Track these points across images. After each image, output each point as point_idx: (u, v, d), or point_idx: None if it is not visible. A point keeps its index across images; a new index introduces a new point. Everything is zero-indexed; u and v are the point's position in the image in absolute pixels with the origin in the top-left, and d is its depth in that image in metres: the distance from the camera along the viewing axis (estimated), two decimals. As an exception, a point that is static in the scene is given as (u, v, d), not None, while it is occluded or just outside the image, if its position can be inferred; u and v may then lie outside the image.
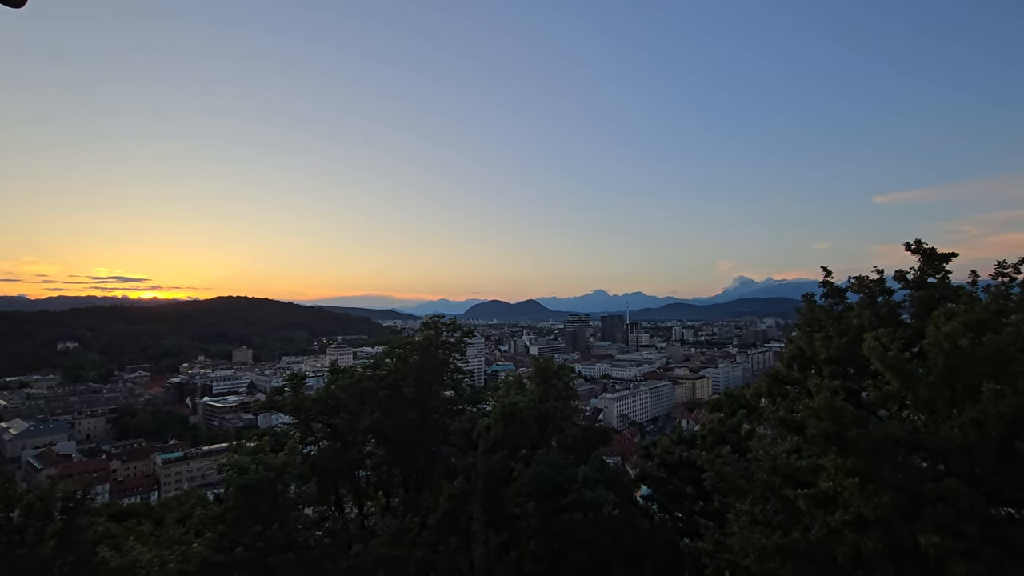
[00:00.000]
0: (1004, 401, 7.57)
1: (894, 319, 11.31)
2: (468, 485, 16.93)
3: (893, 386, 9.14)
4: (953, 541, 7.34)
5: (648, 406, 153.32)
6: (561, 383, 18.71)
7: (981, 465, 8.12)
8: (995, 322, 8.42)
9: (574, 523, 13.71)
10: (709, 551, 11.41)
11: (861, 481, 8.18)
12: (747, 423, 17.87)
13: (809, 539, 9.20)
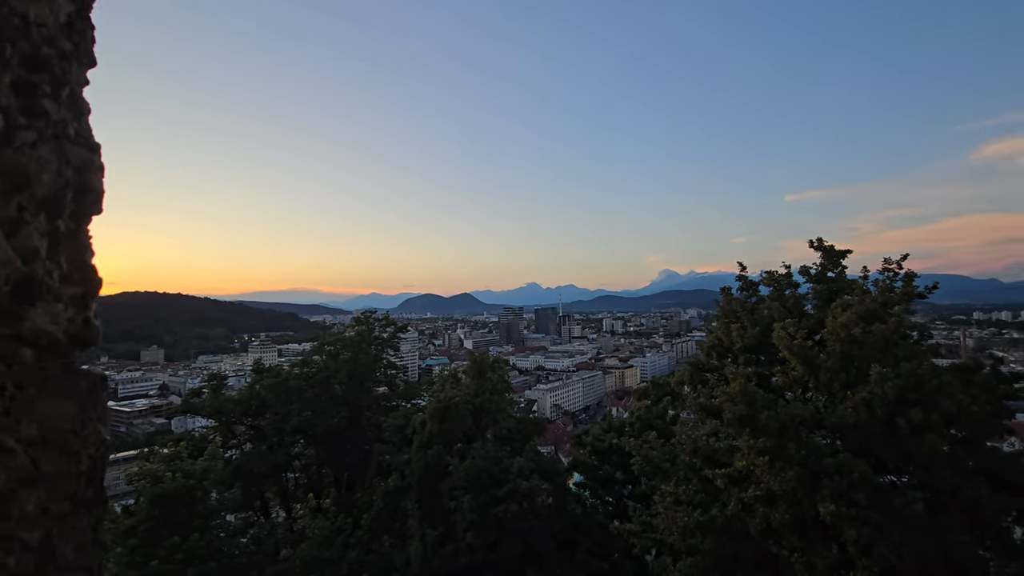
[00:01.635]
0: (888, 383, 8.53)
1: (799, 310, 12.37)
2: (403, 481, 16.74)
3: (798, 371, 10.03)
4: (846, 509, 8.21)
5: (580, 396, 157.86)
6: (496, 376, 18.87)
7: (870, 440, 9.11)
8: (882, 312, 9.45)
9: (509, 513, 13.94)
10: (636, 532, 12.01)
11: (770, 459, 8.94)
12: (672, 409, 18.92)
13: (726, 515, 9.94)
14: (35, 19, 0.76)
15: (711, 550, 10.08)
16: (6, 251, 0.70)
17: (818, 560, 8.81)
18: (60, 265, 0.77)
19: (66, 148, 0.78)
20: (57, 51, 0.79)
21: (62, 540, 0.74)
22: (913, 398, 8.64)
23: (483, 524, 14.04)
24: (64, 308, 0.76)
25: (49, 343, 0.75)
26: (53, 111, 0.77)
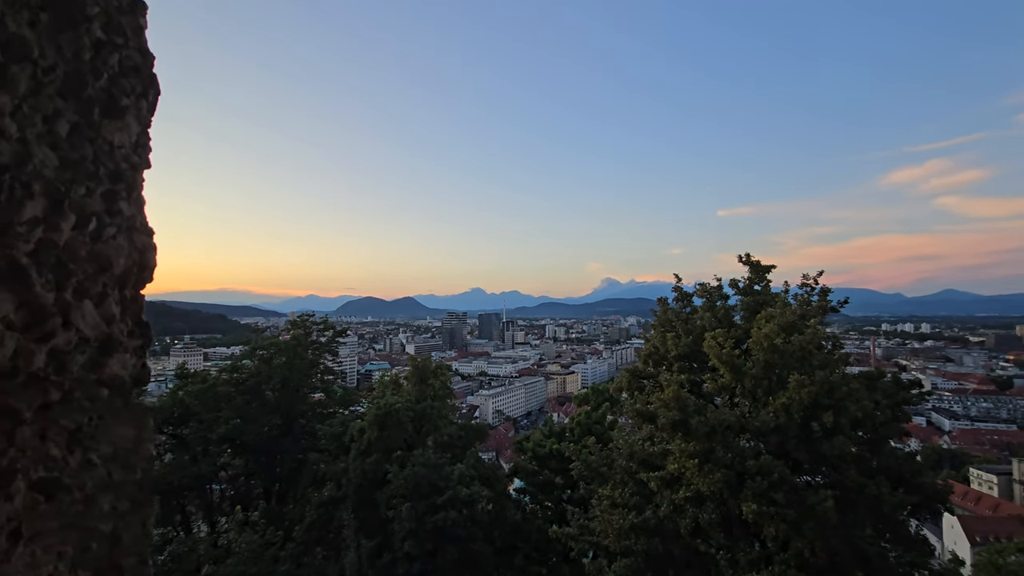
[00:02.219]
0: (804, 389, 9.23)
1: (729, 321, 13.12)
2: (338, 491, 16.22)
3: (726, 378, 10.63)
4: (767, 507, 8.78)
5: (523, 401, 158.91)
6: (438, 383, 18.72)
7: (788, 442, 9.80)
8: (800, 324, 10.21)
9: (449, 521, 13.82)
10: (574, 535, 12.25)
11: (699, 462, 9.42)
12: (611, 414, 19.48)
13: (658, 516, 10.35)
14: (117, 143, 1.01)
15: (644, 551, 10.46)
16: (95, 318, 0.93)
17: (741, 556, 9.35)
18: (127, 323, 1.04)
19: (134, 236, 1.03)
20: (130, 164, 1.04)
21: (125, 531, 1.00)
22: (826, 403, 9.39)
23: (422, 533, 13.83)
24: (129, 357, 1.03)
25: (119, 384, 1.00)
26: (126, 209, 1.02)
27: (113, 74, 0.97)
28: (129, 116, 1.03)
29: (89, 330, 0.91)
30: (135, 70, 1.02)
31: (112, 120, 0.98)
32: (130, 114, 1.03)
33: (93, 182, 0.94)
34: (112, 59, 0.97)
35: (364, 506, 15.60)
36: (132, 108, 1.03)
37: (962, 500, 59.63)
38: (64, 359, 0.83)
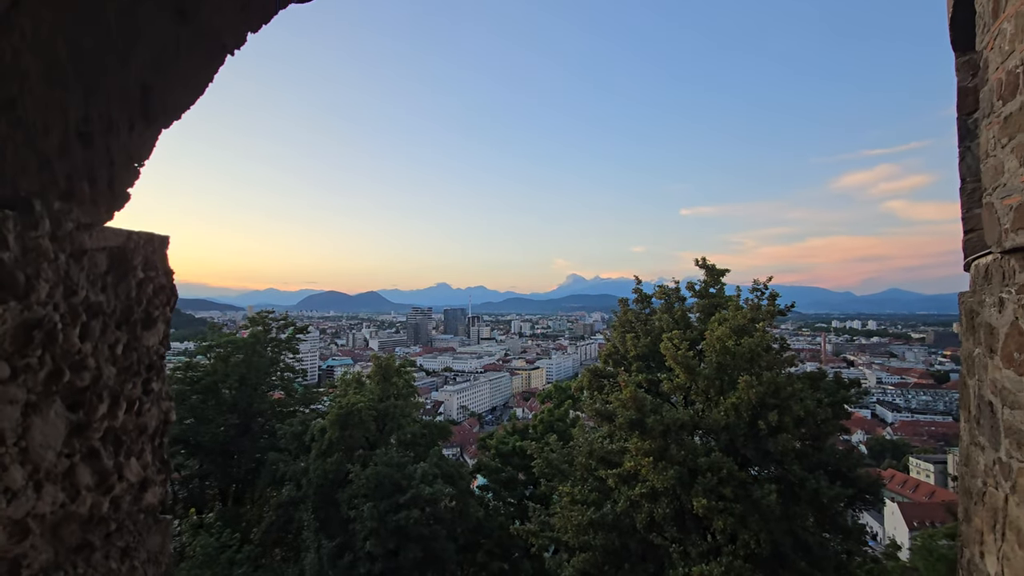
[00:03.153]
0: (752, 390, 9.73)
1: (686, 322, 13.63)
2: (298, 492, 16.02)
3: (681, 379, 11.07)
4: (716, 502, 9.24)
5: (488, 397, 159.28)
6: (402, 381, 18.68)
7: (737, 440, 10.31)
8: (750, 327, 10.73)
9: (411, 519, 13.89)
10: (535, 531, 12.53)
11: (654, 459, 9.81)
12: (574, 411, 19.89)
13: (616, 512, 10.71)
14: (151, 345, 1.23)
15: (602, 545, 10.81)
16: (138, 468, 1.19)
17: (692, 549, 9.81)
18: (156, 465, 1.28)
19: (161, 404, 1.26)
20: (159, 355, 1.27)
21: None
22: (772, 403, 9.93)
23: (383, 532, 13.86)
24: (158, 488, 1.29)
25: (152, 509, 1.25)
26: (156, 388, 1.25)
27: (148, 299, 1.21)
28: (159, 323, 1.23)
29: (133, 477, 1.16)
30: (162, 288, 1.25)
31: (148, 331, 1.22)
32: (160, 321, 1.23)
33: (137, 377, 1.19)
34: (148, 289, 1.21)
35: (325, 506, 15.48)
36: (161, 317, 1.25)
37: (902, 488, 63.47)
38: (119, 502, 1.12)
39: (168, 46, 1.02)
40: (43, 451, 0.91)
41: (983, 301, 1.64)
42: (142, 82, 1.02)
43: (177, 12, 0.99)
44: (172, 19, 0.99)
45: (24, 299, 0.87)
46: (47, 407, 0.92)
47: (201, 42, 1.08)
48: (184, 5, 1.00)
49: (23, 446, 0.87)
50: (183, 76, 1.09)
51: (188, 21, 1.02)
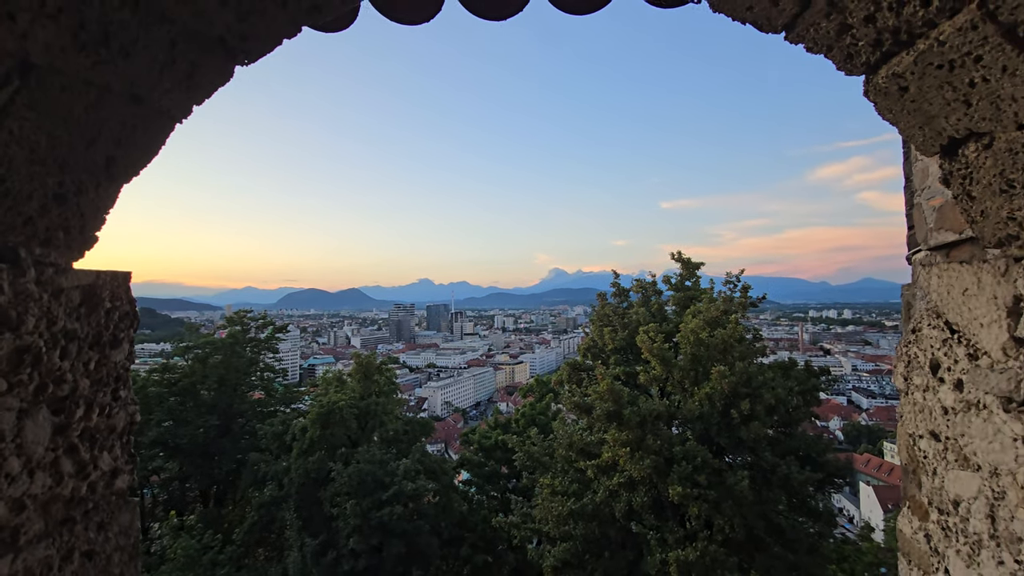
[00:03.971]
0: (725, 380, 10.02)
1: (662, 315, 13.91)
2: (281, 491, 15.97)
3: (657, 371, 11.33)
4: (690, 489, 9.52)
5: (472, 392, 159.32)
6: (383, 378, 18.69)
7: (711, 429, 10.61)
8: (723, 319, 11.02)
9: (394, 516, 13.98)
10: (517, 524, 12.73)
11: (631, 450, 10.05)
12: (555, 405, 20.12)
13: (595, 502, 10.95)
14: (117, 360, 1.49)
15: (582, 535, 11.05)
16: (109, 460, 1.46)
17: (669, 535, 10.09)
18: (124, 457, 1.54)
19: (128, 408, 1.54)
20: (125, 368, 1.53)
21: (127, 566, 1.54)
22: (744, 392, 10.24)
23: (367, 529, 13.92)
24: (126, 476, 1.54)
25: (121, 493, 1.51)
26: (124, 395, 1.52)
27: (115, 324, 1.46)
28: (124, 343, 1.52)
29: (106, 467, 1.44)
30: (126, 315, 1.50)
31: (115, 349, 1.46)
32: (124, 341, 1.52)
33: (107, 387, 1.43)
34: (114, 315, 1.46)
35: (307, 505, 15.46)
36: (125, 338, 1.50)
37: (878, 471, 65.40)
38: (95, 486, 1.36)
39: (127, 125, 1.26)
40: (34, 446, 1.21)
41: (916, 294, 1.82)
42: (106, 154, 1.26)
43: (133, 99, 1.20)
44: (128, 105, 1.22)
45: (16, 330, 1.16)
46: (36, 412, 1.22)
47: (154, 119, 1.31)
48: (138, 92, 1.19)
49: (18, 442, 1.17)
50: (140, 145, 1.33)
51: (142, 104, 1.22)
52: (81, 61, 1.06)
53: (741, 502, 9.62)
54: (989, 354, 1.21)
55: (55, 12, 0.96)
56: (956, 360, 1.31)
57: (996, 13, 0.94)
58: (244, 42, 1.28)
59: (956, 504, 1.32)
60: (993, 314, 1.18)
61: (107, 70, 1.12)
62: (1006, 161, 1.11)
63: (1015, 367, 1.12)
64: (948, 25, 1.03)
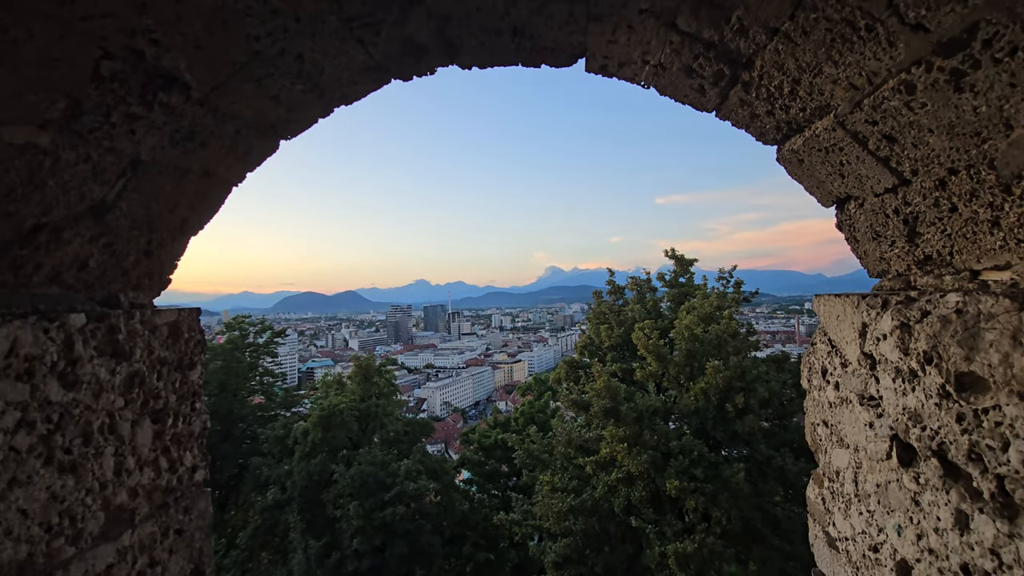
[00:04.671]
0: (720, 374, 10.21)
1: (657, 312, 14.08)
2: (283, 495, 16.08)
3: (653, 367, 11.50)
4: (687, 483, 9.70)
5: (471, 392, 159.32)
6: (383, 380, 18.82)
7: (707, 423, 10.80)
8: (716, 315, 11.21)
9: (397, 516, 14.12)
10: (518, 521, 12.89)
11: (629, 445, 10.22)
12: (553, 403, 20.29)
13: (594, 497, 11.12)
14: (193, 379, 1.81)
15: (582, 530, 11.22)
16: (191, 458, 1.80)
17: (667, 529, 10.28)
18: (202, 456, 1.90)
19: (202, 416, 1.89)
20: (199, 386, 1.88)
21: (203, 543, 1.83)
22: (738, 386, 10.42)
23: (369, 529, 14.05)
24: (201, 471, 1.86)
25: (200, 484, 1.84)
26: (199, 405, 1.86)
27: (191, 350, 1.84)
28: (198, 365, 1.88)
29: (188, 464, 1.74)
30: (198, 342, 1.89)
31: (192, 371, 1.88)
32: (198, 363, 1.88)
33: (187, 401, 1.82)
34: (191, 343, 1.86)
35: (310, 507, 15.59)
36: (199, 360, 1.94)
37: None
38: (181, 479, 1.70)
39: (199, 193, 1.58)
40: (142, 448, 1.52)
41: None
42: (182, 216, 1.60)
43: (204, 174, 1.50)
44: (201, 179, 1.53)
45: (128, 360, 1.48)
46: (143, 421, 1.54)
47: (218, 187, 1.63)
48: (209, 169, 1.51)
49: (133, 445, 1.49)
50: (207, 207, 1.68)
51: (210, 177, 1.48)
52: (174, 153, 1.38)
53: (737, 494, 9.80)
54: (850, 363, 1.57)
55: (161, 124, 1.24)
56: (835, 367, 1.67)
57: (844, 123, 1.32)
58: (289, 125, 1.59)
59: (837, 473, 1.70)
60: (851, 335, 1.55)
61: (190, 157, 1.44)
62: (873, 218, 1.54)
63: (864, 373, 1.48)
64: (819, 124, 1.43)
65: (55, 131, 1.06)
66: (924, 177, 1.33)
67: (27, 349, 1.18)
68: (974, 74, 1.05)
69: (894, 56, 1.14)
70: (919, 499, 1.35)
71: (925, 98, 1.16)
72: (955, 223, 1.32)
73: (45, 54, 0.93)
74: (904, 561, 1.41)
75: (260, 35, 1.15)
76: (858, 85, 1.26)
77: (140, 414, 1.52)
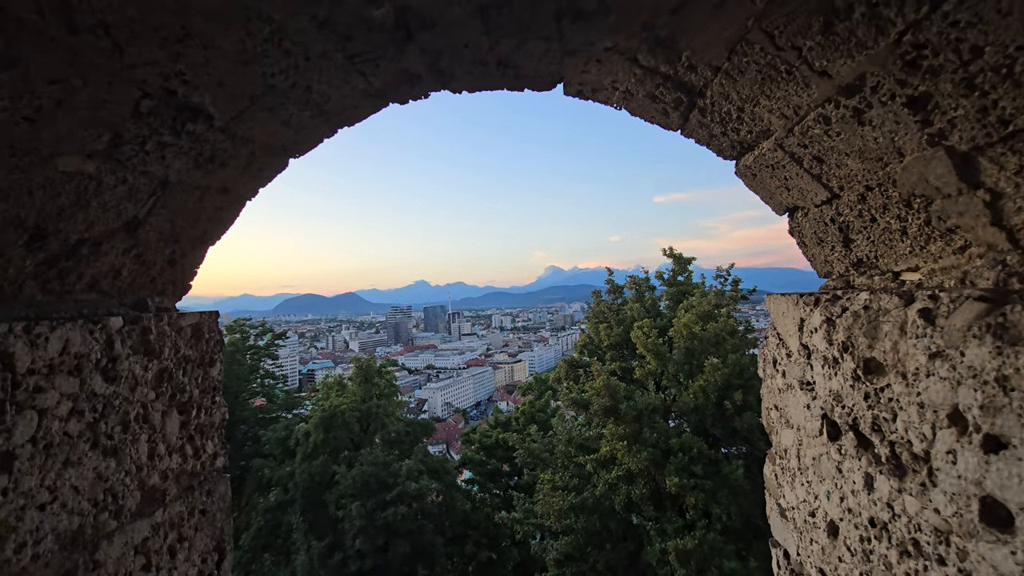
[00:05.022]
0: (718, 372, 10.29)
1: (656, 311, 14.16)
2: (286, 496, 16.17)
3: (652, 365, 11.58)
4: (687, 480, 9.77)
5: (471, 392, 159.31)
6: (383, 381, 18.89)
7: (706, 420, 10.87)
8: (715, 313, 11.28)
9: (399, 516, 14.19)
10: (520, 519, 12.96)
11: (628, 443, 10.29)
12: (554, 402, 20.36)
13: (595, 495, 11.20)
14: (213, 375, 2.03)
15: (584, 528, 11.29)
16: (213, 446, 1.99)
17: (668, 525, 10.35)
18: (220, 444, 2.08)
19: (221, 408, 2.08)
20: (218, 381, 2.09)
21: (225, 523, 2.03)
22: (736, 383, 10.50)
23: (372, 529, 14.13)
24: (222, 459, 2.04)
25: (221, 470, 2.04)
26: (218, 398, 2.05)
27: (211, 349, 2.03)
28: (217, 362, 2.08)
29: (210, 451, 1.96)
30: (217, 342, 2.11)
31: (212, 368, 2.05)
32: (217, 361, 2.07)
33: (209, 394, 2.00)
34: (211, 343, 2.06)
35: (313, 508, 15.66)
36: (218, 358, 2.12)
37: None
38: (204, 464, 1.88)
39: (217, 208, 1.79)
40: (171, 436, 1.70)
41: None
42: (203, 228, 1.81)
43: (222, 191, 1.72)
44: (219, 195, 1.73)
45: (159, 357, 1.66)
46: (171, 413, 1.71)
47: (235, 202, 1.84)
48: (227, 186, 1.71)
49: (163, 433, 1.65)
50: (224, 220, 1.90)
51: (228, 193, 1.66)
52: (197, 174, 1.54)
53: (737, 491, 9.87)
54: (793, 353, 1.77)
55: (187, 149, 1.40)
56: (782, 357, 1.87)
57: (783, 144, 1.59)
58: (297, 145, 1.77)
59: (785, 451, 1.97)
60: (793, 329, 1.79)
61: (210, 177, 1.60)
62: (816, 225, 1.76)
63: (802, 362, 1.74)
64: (765, 144, 1.63)
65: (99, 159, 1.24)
66: (849, 192, 1.58)
67: (77, 348, 1.35)
68: (870, 112, 1.27)
69: (810, 94, 1.35)
70: (841, 467, 1.57)
71: (839, 128, 1.39)
72: (876, 231, 1.57)
73: (96, 97, 1.09)
74: (832, 521, 1.65)
75: (274, 72, 1.31)
76: (787, 115, 1.49)
77: (168, 406, 1.69)
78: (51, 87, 1.01)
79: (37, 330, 1.25)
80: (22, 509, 1.19)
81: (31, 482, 1.22)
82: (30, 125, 1.04)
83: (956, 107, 1.10)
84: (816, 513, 1.72)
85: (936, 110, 1.14)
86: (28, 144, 1.08)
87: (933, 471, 1.20)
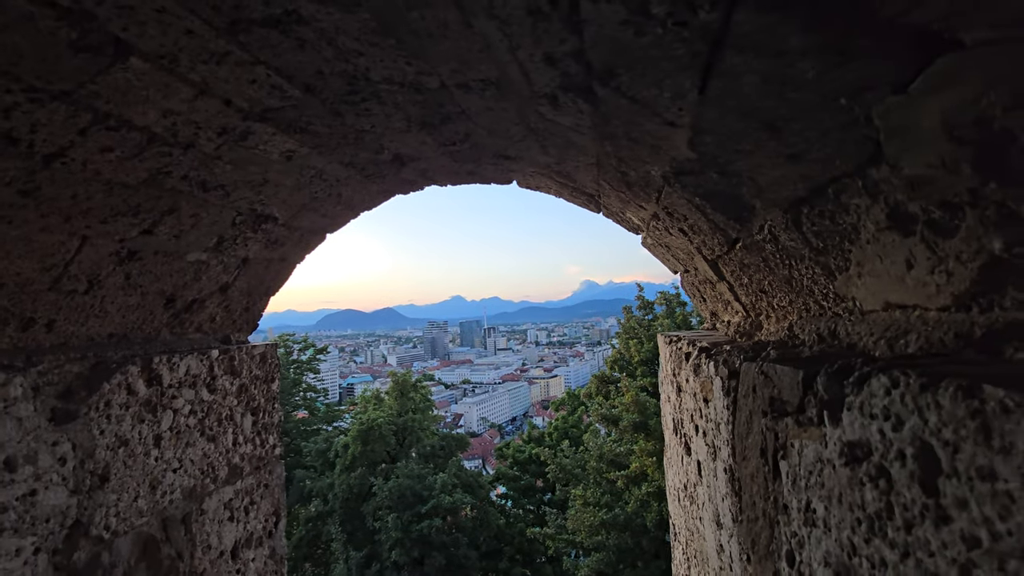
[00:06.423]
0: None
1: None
2: (325, 506, 16.73)
3: (683, 381, 11.56)
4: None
5: (507, 407, 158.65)
6: (419, 395, 19.36)
7: (738, 437, 10.74)
8: (745, 328, 11.21)
9: (433, 529, 14.48)
10: (551, 535, 13.02)
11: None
12: (586, 417, 20.33)
13: (626, 511, 11.19)
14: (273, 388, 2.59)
15: (615, 545, 11.29)
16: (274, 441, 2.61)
17: (701, 544, 10.24)
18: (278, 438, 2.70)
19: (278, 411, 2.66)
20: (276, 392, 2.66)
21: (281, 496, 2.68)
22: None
23: (408, 541, 14.46)
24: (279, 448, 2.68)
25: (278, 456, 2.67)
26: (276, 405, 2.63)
27: (272, 369, 2.63)
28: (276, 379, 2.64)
29: (271, 442, 2.52)
30: (276, 364, 2.66)
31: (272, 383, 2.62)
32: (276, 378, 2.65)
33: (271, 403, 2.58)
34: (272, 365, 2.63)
35: (351, 519, 16.15)
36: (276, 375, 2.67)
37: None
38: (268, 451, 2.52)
39: (278, 272, 2.45)
40: (247, 430, 2.33)
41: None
42: (267, 285, 2.48)
43: (281, 261, 2.27)
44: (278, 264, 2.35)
45: (239, 376, 2.23)
46: (247, 413, 2.31)
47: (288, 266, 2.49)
48: (284, 257, 2.22)
49: (241, 428, 2.27)
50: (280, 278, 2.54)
51: (285, 262, 1.97)
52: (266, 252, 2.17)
53: (771, 509, 9.71)
54: (666, 377, 2.49)
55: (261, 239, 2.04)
56: (664, 380, 2.60)
57: (647, 238, 2.25)
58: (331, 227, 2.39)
59: (667, 447, 2.83)
60: (664, 360, 2.52)
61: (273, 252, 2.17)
62: (695, 284, 2.36)
63: (668, 384, 2.55)
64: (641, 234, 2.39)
65: (210, 252, 1.88)
66: (689, 269, 2.30)
67: (193, 370, 1.98)
68: (668, 236, 2.14)
69: (647, 214, 2.05)
70: (678, 452, 2.37)
71: (662, 236, 2.15)
72: (710, 295, 2.30)
73: (212, 218, 1.69)
74: (675, 487, 2.56)
75: (317, 191, 1.97)
76: (641, 222, 2.26)
77: (245, 409, 2.30)
78: (189, 219, 1.62)
79: (173, 360, 1.88)
80: (163, 471, 1.82)
81: (169, 454, 1.85)
82: (176, 241, 1.68)
83: (701, 232, 1.74)
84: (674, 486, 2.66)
85: (692, 232, 1.79)
86: (171, 249, 1.70)
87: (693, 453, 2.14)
